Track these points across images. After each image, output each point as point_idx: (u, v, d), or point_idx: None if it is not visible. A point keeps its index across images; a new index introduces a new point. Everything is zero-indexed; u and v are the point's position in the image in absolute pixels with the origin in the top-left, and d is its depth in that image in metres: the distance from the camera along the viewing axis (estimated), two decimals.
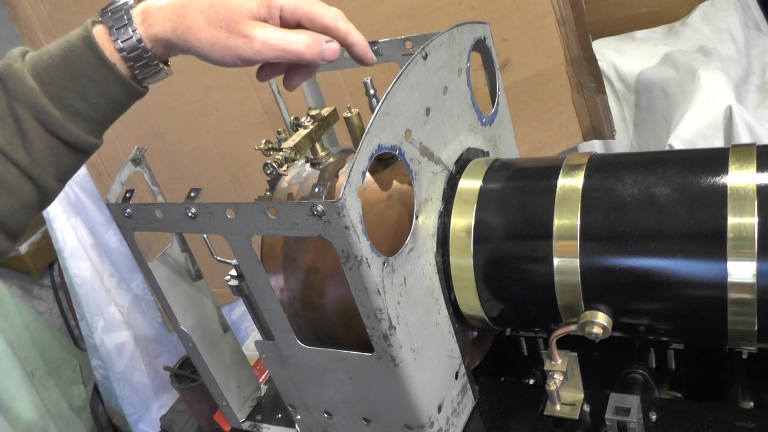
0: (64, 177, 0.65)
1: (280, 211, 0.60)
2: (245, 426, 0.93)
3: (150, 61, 0.63)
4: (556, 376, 0.74)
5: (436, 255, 0.74)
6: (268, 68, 0.70)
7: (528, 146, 1.44)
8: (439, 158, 0.76)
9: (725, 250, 0.61)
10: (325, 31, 0.65)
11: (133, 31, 0.61)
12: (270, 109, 1.41)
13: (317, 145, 0.82)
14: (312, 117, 0.81)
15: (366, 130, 0.61)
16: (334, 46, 0.65)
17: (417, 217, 0.71)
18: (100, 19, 0.63)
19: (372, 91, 0.81)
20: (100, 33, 0.62)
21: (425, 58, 0.72)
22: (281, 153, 0.75)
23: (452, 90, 0.78)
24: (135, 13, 0.62)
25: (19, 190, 0.62)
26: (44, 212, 1.47)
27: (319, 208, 0.58)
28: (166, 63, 0.66)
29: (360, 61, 0.70)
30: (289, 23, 0.64)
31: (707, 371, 0.83)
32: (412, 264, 0.69)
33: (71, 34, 0.63)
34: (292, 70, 0.70)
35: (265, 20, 0.63)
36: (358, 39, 0.68)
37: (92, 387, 1.96)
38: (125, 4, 0.63)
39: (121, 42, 0.61)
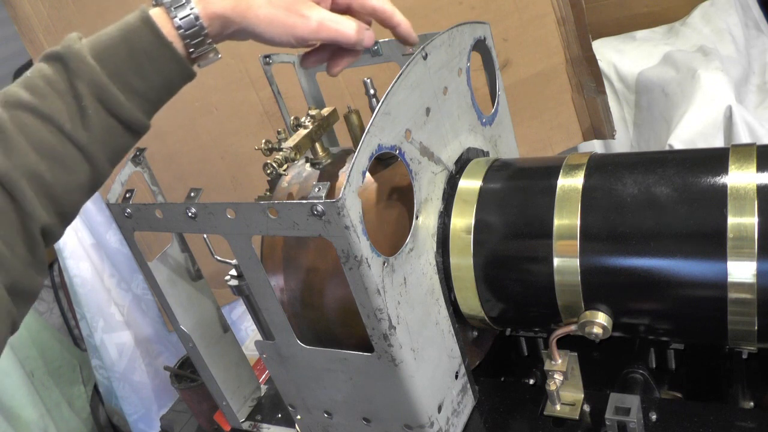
0: (114, 159, 0.65)
1: (280, 211, 0.60)
2: (245, 426, 0.93)
3: (205, 38, 0.64)
4: (556, 376, 0.74)
5: (436, 255, 0.74)
6: (314, 54, 0.74)
7: (528, 146, 1.44)
8: (439, 158, 0.76)
9: (725, 250, 0.61)
10: (373, 12, 0.71)
11: (191, 9, 0.63)
12: (270, 109, 1.41)
13: (317, 145, 0.82)
14: (312, 117, 0.81)
15: (366, 130, 0.61)
16: (371, 33, 0.70)
17: (417, 217, 0.71)
18: (154, 3, 0.65)
19: (372, 91, 0.81)
20: (157, 14, 0.63)
21: (425, 58, 0.72)
22: (281, 153, 0.75)
23: (452, 90, 0.78)
24: None
25: (76, 169, 0.61)
26: None
27: (319, 208, 0.58)
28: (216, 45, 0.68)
29: (404, 40, 0.75)
30: (340, 6, 0.70)
31: (707, 371, 0.83)
32: (412, 264, 0.69)
33: (128, 16, 0.64)
34: (337, 55, 0.74)
35: (318, 2, 0.67)
36: (403, 20, 0.73)
37: (92, 387, 1.96)
38: None
39: (179, 19, 0.63)
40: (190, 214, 0.67)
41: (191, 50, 0.65)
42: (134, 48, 0.62)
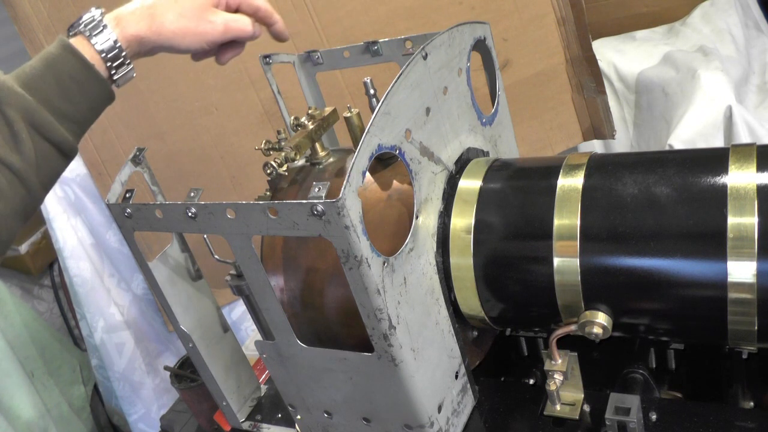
0: (48, 183, 0.68)
1: (280, 211, 0.60)
2: (245, 426, 0.93)
3: (125, 60, 0.70)
4: (556, 376, 0.74)
5: (436, 255, 0.74)
6: (229, 51, 0.80)
7: (528, 146, 1.44)
8: (439, 158, 0.76)
9: (725, 250, 0.61)
10: (257, 10, 0.78)
11: (109, 34, 0.69)
12: (270, 109, 1.41)
13: (317, 145, 0.82)
14: (312, 117, 0.81)
15: (366, 130, 0.61)
16: (258, 26, 0.78)
17: (417, 217, 0.71)
18: (71, 33, 0.70)
19: (372, 91, 0.81)
20: (77, 41, 0.68)
21: (425, 58, 0.72)
22: (281, 153, 0.75)
23: (452, 90, 0.78)
24: (108, 19, 0.70)
25: (12, 195, 0.63)
26: (44, 212, 1.47)
27: (319, 208, 0.58)
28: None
29: (278, 37, 0.82)
30: (230, 7, 0.77)
31: (707, 371, 0.83)
32: (412, 264, 0.69)
33: (48, 47, 0.68)
34: (228, 47, 0.80)
35: (217, 6, 0.74)
36: (278, 18, 0.81)
37: (92, 387, 1.95)
38: (94, 15, 0.70)
39: (101, 44, 0.68)
40: (190, 214, 0.67)
41: (113, 72, 0.70)
42: (60, 74, 0.66)
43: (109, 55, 0.68)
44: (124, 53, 0.69)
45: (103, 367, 1.67)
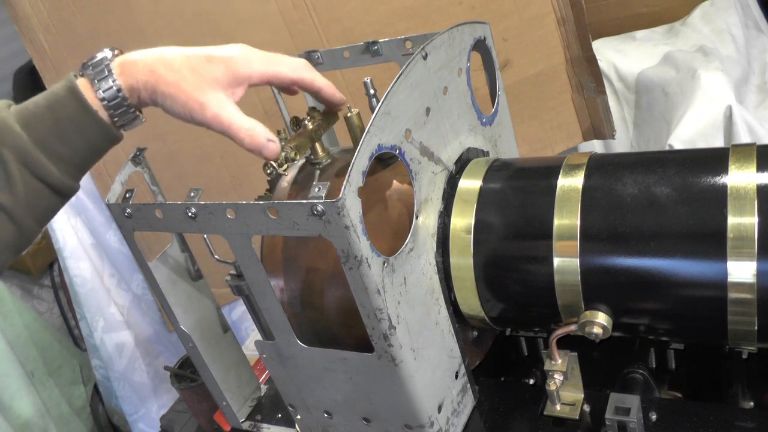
0: (42, 220, 0.69)
1: (280, 211, 0.60)
2: (245, 426, 0.93)
3: (128, 108, 0.68)
4: (556, 376, 0.74)
5: (436, 255, 0.74)
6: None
7: (528, 146, 1.44)
8: (439, 158, 0.76)
9: (725, 250, 0.61)
10: (292, 83, 0.73)
11: (113, 82, 0.67)
12: (270, 109, 1.41)
13: (317, 145, 0.82)
14: (312, 117, 0.81)
15: (366, 130, 0.61)
16: (274, 146, 0.70)
17: (417, 217, 0.71)
18: (81, 72, 0.68)
19: (372, 91, 0.81)
20: (82, 84, 0.67)
21: (425, 58, 0.72)
22: (281, 153, 0.75)
23: (452, 90, 0.78)
24: (114, 65, 0.67)
25: (0, 231, 0.64)
26: None
27: (319, 207, 0.58)
28: (140, 110, 0.71)
29: (330, 104, 0.77)
30: (260, 85, 0.72)
31: (707, 371, 0.83)
32: (412, 264, 0.69)
33: (55, 86, 0.68)
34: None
35: (231, 90, 0.68)
36: (324, 84, 0.74)
37: (92, 387, 1.95)
38: (105, 58, 0.68)
39: (103, 92, 0.67)
40: (190, 214, 0.67)
41: (116, 119, 0.68)
42: (59, 116, 0.66)
43: (111, 103, 0.67)
44: (127, 102, 0.68)
45: (103, 367, 1.67)
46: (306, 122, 0.81)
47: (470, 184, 0.77)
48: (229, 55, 0.68)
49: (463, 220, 0.75)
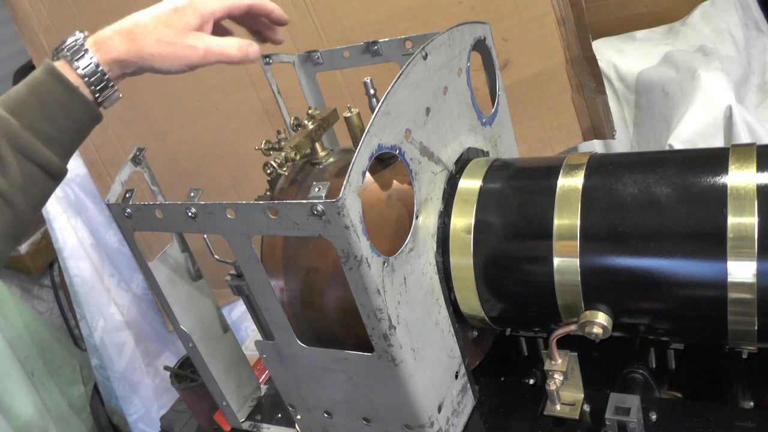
0: (36, 205, 0.70)
1: (280, 211, 0.60)
2: (245, 426, 0.93)
3: (108, 83, 0.71)
4: (556, 375, 0.74)
5: (436, 255, 0.74)
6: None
7: (528, 146, 1.44)
8: (439, 158, 0.76)
9: (725, 250, 0.61)
10: (249, 9, 0.77)
11: (90, 59, 0.69)
12: (270, 109, 1.41)
13: (317, 145, 0.82)
14: (312, 117, 0.81)
15: (366, 129, 0.61)
16: (255, 47, 0.75)
17: (417, 217, 0.71)
18: (56, 56, 0.71)
19: (372, 91, 0.81)
20: (60, 65, 0.69)
21: (425, 58, 0.72)
22: (281, 153, 0.75)
23: (452, 90, 0.78)
24: (88, 44, 0.70)
25: None
26: (44, 212, 1.47)
27: (319, 207, 0.58)
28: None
29: (278, 22, 0.82)
30: (221, 20, 0.76)
31: (707, 371, 0.83)
32: (412, 264, 0.69)
33: (33, 72, 0.70)
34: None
35: (201, 28, 0.73)
36: (274, 6, 0.80)
37: (92, 387, 1.95)
38: (77, 39, 0.70)
39: (82, 69, 0.69)
40: (190, 214, 0.67)
41: (97, 95, 0.71)
42: (43, 98, 0.68)
43: (91, 79, 0.69)
44: (106, 77, 0.70)
45: (103, 367, 1.67)
46: (306, 122, 0.81)
47: (470, 184, 0.77)
48: (190, 0, 0.73)
49: (463, 220, 0.75)
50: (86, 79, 0.69)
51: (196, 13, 0.73)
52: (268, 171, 0.74)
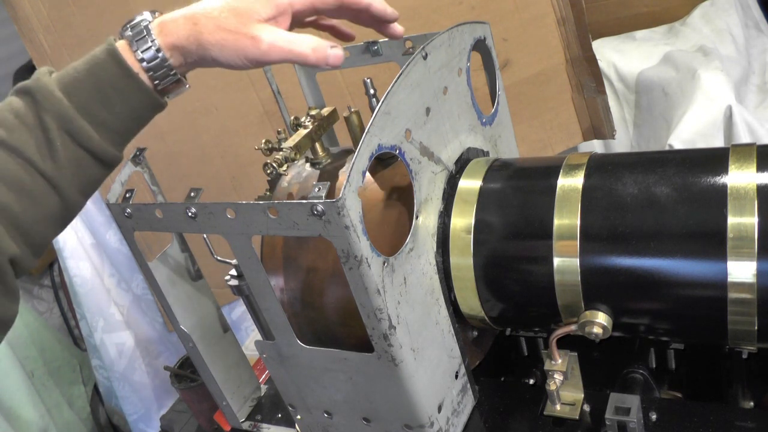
0: (87, 190, 0.66)
1: (280, 211, 0.60)
2: (245, 426, 0.93)
3: (169, 70, 0.65)
4: (556, 375, 0.74)
5: (436, 255, 0.74)
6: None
7: (528, 146, 1.44)
8: (439, 158, 0.76)
9: (725, 250, 0.61)
10: (333, 4, 0.69)
11: (152, 42, 0.64)
12: (270, 109, 1.41)
13: (317, 145, 0.82)
14: (312, 117, 0.81)
15: (366, 129, 0.61)
16: (338, 52, 0.66)
17: (417, 217, 0.71)
18: (120, 35, 0.66)
19: (372, 91, 0.81)
20: (122, 46, 0.65)
21: (425, 57, 0.72)
22: (281, 153, 0.75)
23: (452, 90, 0.78)
24: (152, 26, 0.65)
25: (44, 201, 0.62)
26: None
27: (319, 207, 0.58)
28: (184, 75, 0.68)
29: (382, 18, 0.73)
30: (305, 15, 0.69)
31: (707, 371, 0.83)
32: (412, 264, 0.69)
33: (95, 50, 0.65)
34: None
35: (275, 20, 0.66)
36: (392, 12, 0.72)
37: (92, 387, 1.96)
38: (144, 20, 0.65)
39: (141, 52, 0.64)
40: (190, 214, 0.67)
41: (156, 82, 0.65)
42: (100, 80, 0.63)
43: (151, 65, 0.64)
44: (167, 63, 0.64)
45: (103, 367, 1.67)
46: (306, 122, 0.81)
47: (470, 184, 0.77)
48: None
49: (463, 220, 0.75)
50: (144, 63, 0.64)
51: (270, 2, 0.65)
52: (268, 171, 0.74)
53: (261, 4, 0.65)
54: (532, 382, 0.88)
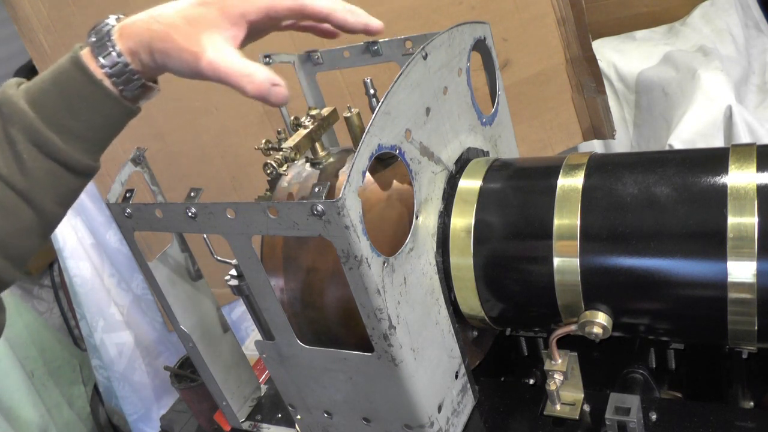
0: (64, 201, 0.65)
1: (280, 211, 0.60)
2: (245, 426, 0.93)
3: (131, 75, 0.63)
4: (556, 375, 0.74)
5: (436, 255, 0.74)
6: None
7: (528, 146, 1.44)
8: (439, 158, 0.76)
9: (725, 250, 0.61)
10: (290, 12, 0.65)
11: (112, 47, 0.62)
12: (270, 109, 1.41)
13: (317, 145, 0.82)
14: (312, 117, 0.81)
15: (366, 129, 0.61)
16: (280, 91, 0.62)
17: (417, 217, 0.71)
18: (87, 42, 0.64)
19: (372, 91, 0.81)
20: (86, 54, 0.63)
21: (425, 58, 0.72)
22: (281, 153, 0.75)
23: (452, 90, 0.78)
24: (114, 30, 0.63)
25: (17, 214, 0.61)
26: None
27: (319, 207, 0.58)
28: (153, 79, 0.66)
29: (349, 30, 0.68)
30: (262, 24, 0.65)
31: (707, 371, 0.83)
32: (412, 264, 0.69)
33: (61, 59, 0.64)
34: None
35: (227, 29, 0.62)
36: (331, 6, 0.65)
37: (92, 387, 1.96)
38: (107, 24, 0.63)
39: (102, 58, 0.62)
40: (190, 214, 0.67)
41: (121, 88, 0.63)
42: (66, 90, 0.62)
43: (112, 70, 0.62)
44: (129, 68, 0.62)
45: (103, 367, 1.67)
46: (306, 122, 0.81)
47: (470, 184, 0.77)
48: None
49: (463, 220, 0.75)
50: (106, 69, 0.61)
51: (222, 10, 0.62)
52: (268, 171, 0.74)
53: (214, 13, 0.62)
54: (532, 382, 0.88)
